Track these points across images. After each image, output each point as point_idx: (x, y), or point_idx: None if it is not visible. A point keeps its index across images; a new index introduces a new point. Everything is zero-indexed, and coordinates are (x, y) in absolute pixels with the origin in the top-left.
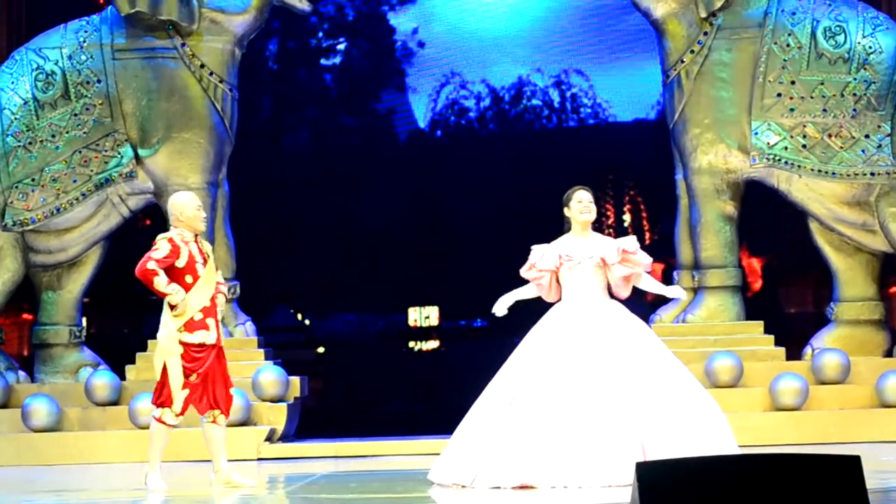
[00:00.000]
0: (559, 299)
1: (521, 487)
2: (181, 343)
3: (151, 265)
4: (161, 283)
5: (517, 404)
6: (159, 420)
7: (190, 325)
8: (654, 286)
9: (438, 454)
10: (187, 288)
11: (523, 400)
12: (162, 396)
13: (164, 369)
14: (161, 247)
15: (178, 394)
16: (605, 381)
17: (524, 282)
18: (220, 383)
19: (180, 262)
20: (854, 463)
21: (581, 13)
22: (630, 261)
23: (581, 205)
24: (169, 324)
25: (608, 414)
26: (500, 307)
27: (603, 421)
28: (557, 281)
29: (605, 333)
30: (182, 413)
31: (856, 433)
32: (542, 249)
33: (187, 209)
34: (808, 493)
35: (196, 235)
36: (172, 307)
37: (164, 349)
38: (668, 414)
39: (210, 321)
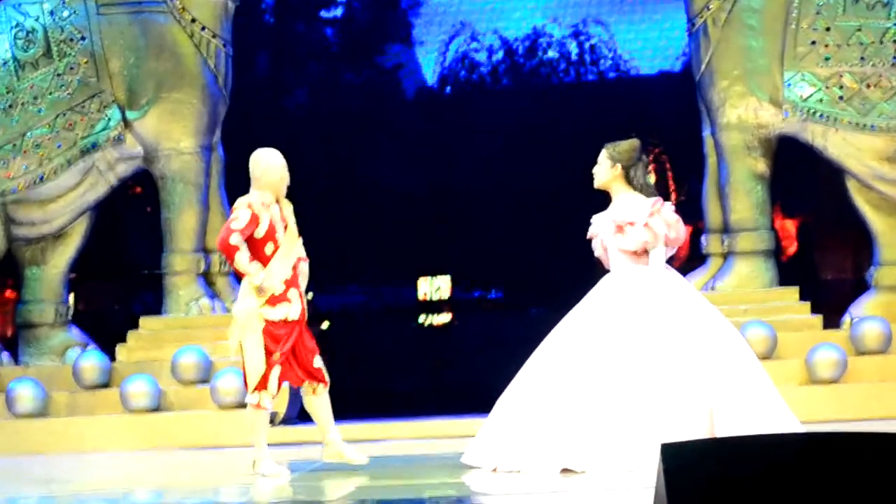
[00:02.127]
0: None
1: (565, 471)
2: (263, 320)
3: (234, 239)
4: (242, 260)
5: (562, 388)
6: (257, 406)
7: (272, 300)
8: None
9: (450, 437)
10: (268, 259)
11: (565, 382)
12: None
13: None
14: (240, 216)
15: (255, 373)
16: (646, 361)
17: (541, 248)
18: (308, 354)
19: (259, 232)
20: None
21: None
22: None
23: None
24: (249, 298)
25: (658, 395)
26: None
27: (652, 403)
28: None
29: (647, 308)
30: (276, 394)
31: None
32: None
33: (273, 171)
34: (846, 476)
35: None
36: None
37: (242, 326)
38: (727, 390)
39: (292, 293)
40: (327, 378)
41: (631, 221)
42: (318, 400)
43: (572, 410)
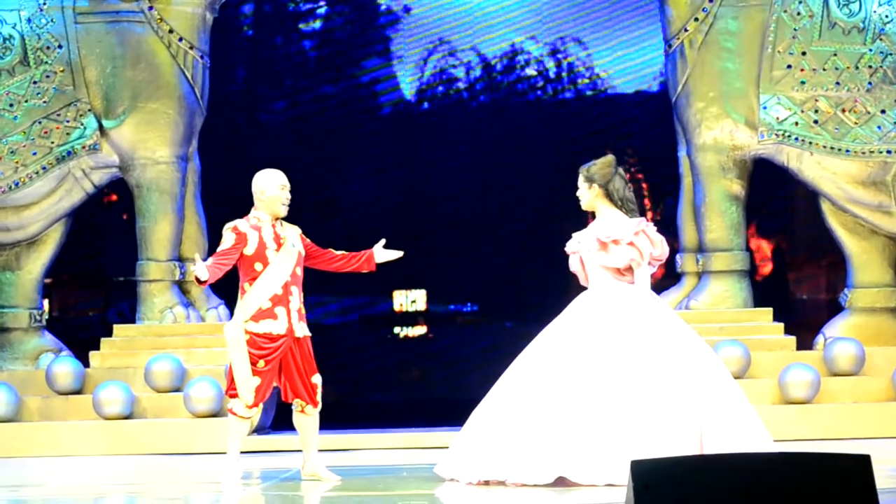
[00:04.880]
0: None
1: (558, 483)
2: (247, 332)
3: (208, 262)
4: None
5: (541, 398)
6: (231, 412)
7: (257, 315)
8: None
9: (424, 448)
10: (257, 275)
11: (549, 394)
12: (231, 386)
13: None
14: (224, 240)
15: (244, 385)
16: (632, 376)
17: (516, 263)
18: (301, 373)
19: (248, 250)
20: (863, 463)
21: None
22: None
23: None
24: (238, 312)
25: (642, 408)
26: None
27: (634, 415)
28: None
29: (630, 325)
30: (255, 405)
31: (870, 428)
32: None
33: (269, 189)
34: (813, 495)
35: (278, 218)
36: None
37: (227, 339)
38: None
39: (280, 310)
40: (319, 400)
41: (616, 239)
42: (306, 419)
43: (565, 422)
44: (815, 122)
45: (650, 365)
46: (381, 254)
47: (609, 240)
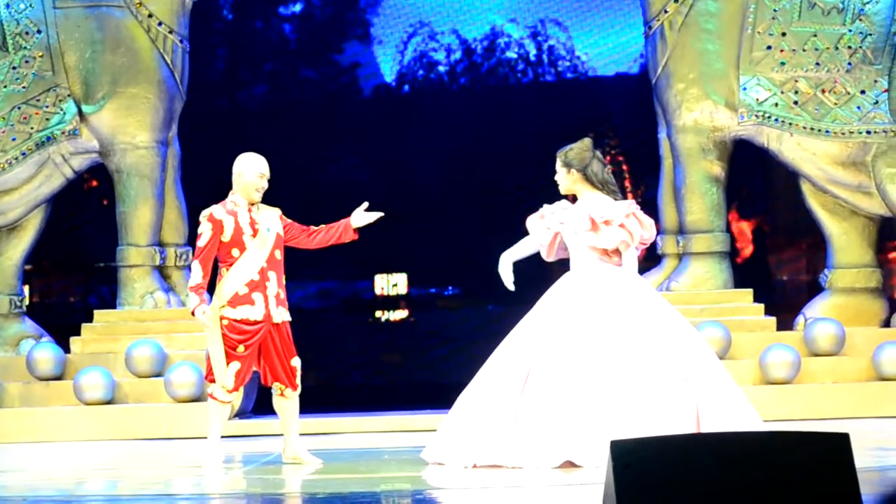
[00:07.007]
0: (556, 260)
1: (564, 466)
2: (225, 318)
3: (195, 269)
4: (190, 282)
5: (538, 380)
6: (211, 396)
7: (234, 301)
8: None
9: (406, 431)
10: (234, 261)
11: (546, 375)
12: (210, 371)
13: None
14: (202, 231)
15: (220, 369)
16: (627, 356)
17: (497, 246)
18: (280, 356)
19: (225, 237)
20: (842, 441)
21: None
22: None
23: None
24: (214, 297)
25: (642, 387)
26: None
27: (638, 395)
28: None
29: (618, 305)
30: (235, 389)
31: (850, 408)
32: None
33: (246, 174)
34: (792, 473)
35: (254, 203)
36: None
37: (204, 324)
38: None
39: (257, 296)
40: (298, 383)
41: (607, 220)
42: (285, 403)
43: (567, 405)
44: (795, 102)
45: (644, 346)
46: (360, 218)
47: (601, 220)
